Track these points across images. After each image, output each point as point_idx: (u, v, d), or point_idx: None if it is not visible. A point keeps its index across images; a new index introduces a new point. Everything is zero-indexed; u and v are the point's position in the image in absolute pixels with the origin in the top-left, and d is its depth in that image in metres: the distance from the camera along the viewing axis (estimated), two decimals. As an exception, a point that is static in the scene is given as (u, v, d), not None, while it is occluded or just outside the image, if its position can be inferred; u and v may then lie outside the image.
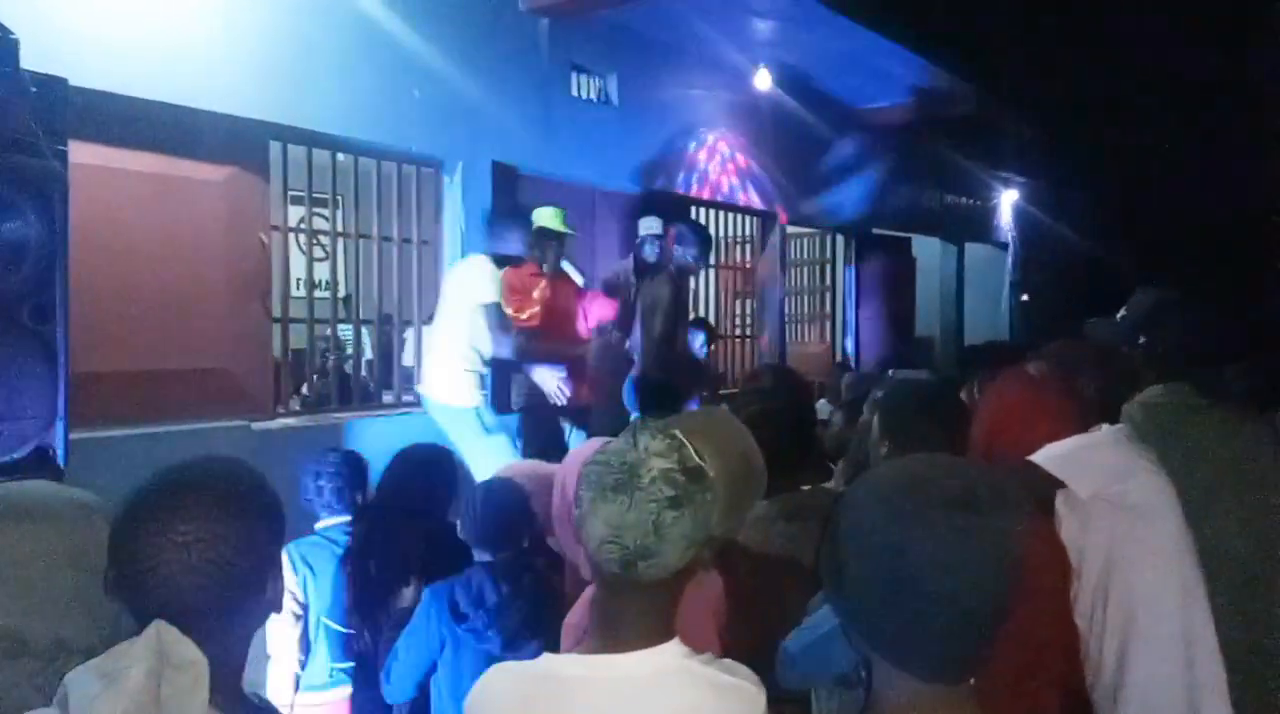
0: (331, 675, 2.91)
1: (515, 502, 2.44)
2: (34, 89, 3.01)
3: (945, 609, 1.02)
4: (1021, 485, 1.93)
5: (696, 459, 1.26)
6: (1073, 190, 11.88)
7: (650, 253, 5.59)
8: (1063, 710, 1.99)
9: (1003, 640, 1.06)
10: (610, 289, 5.46)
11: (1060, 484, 2.01)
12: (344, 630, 2.83)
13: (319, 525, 3.04)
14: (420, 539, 2.63)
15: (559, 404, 4.55)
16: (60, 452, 3.08)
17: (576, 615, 1.81)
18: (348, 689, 2.92)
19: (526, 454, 4.37)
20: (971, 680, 1.09)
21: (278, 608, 1.16)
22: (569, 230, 5.17)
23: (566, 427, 4.89)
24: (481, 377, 4.29)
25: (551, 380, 4.49)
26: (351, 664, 2.86)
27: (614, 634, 1.27)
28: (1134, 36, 8.31)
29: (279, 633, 2.83)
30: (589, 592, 1.78)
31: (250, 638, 1.15)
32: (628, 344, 5.32)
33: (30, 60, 3.04)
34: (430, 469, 2.79)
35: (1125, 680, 1.99)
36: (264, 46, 4.61)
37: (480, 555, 2.37)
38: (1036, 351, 2.38)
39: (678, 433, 1.27)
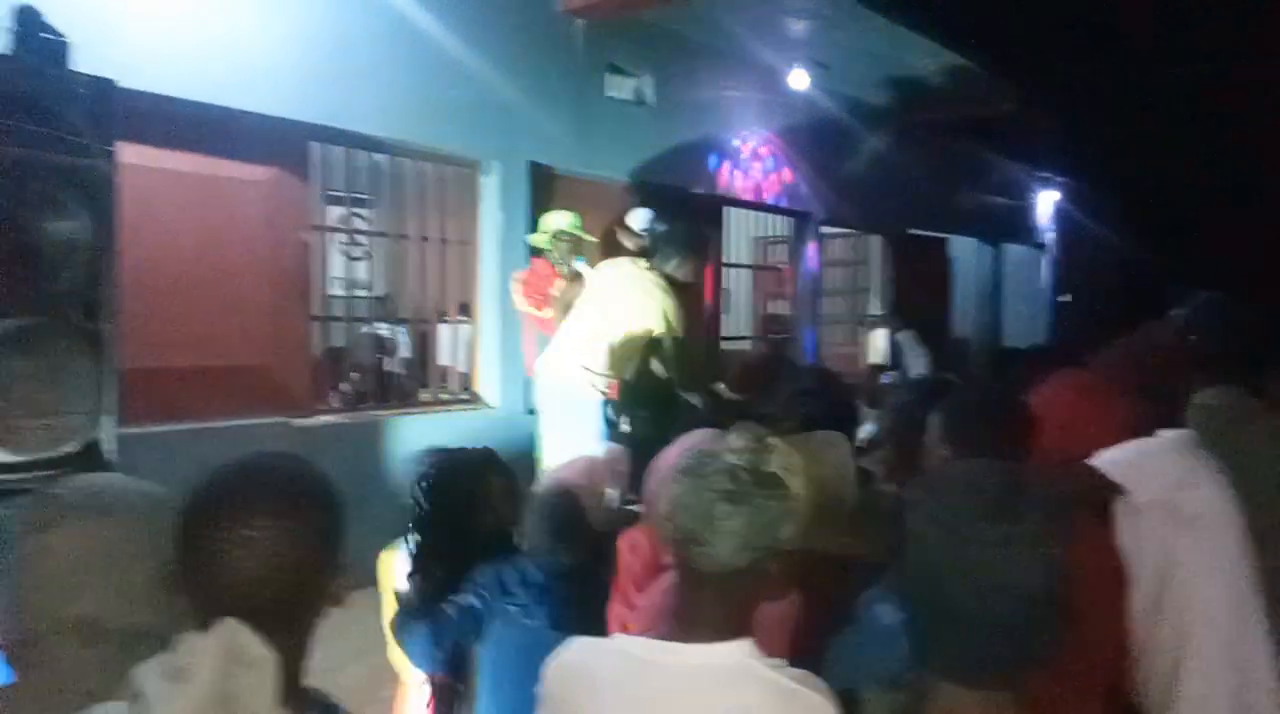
0: None
1: (567, 509, 2.38)
2: (83, 90, 3.07)
3: (978, 619, 1.01)
4: (1079, 490, 1.90)
5: (773, 468, 1.27)
6: (1113, 190, 11.71)
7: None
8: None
9: (1051, 649, 1.05)
10: None
11: (1119, 489, 1.96)
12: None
13: None
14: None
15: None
16: (109, 446, 3.14)
17: (648, 599, 1.83)
18: None
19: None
20: (1016, 690, 1.07)
21: (339, 603, 1.16)
22: (587, 235, 5.19)
23: None
24: (599, 380, 4.24)
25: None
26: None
27: (687, 623, 1.29)
28: (1177, 35, 8.17)
29: None
30: (664, 578, 1.80)
31: (312, 634, 1.16)
32: None
33: (79, 62, 3.10)
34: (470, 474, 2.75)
35: (1175, 698, 1.95)
36: (305, 49, 4.66)
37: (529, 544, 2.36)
38: (1100, 353, 2.34)
39: (772, 440, 1.30)
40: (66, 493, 1.28)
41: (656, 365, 4.41)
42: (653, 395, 4.44)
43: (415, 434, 5.09)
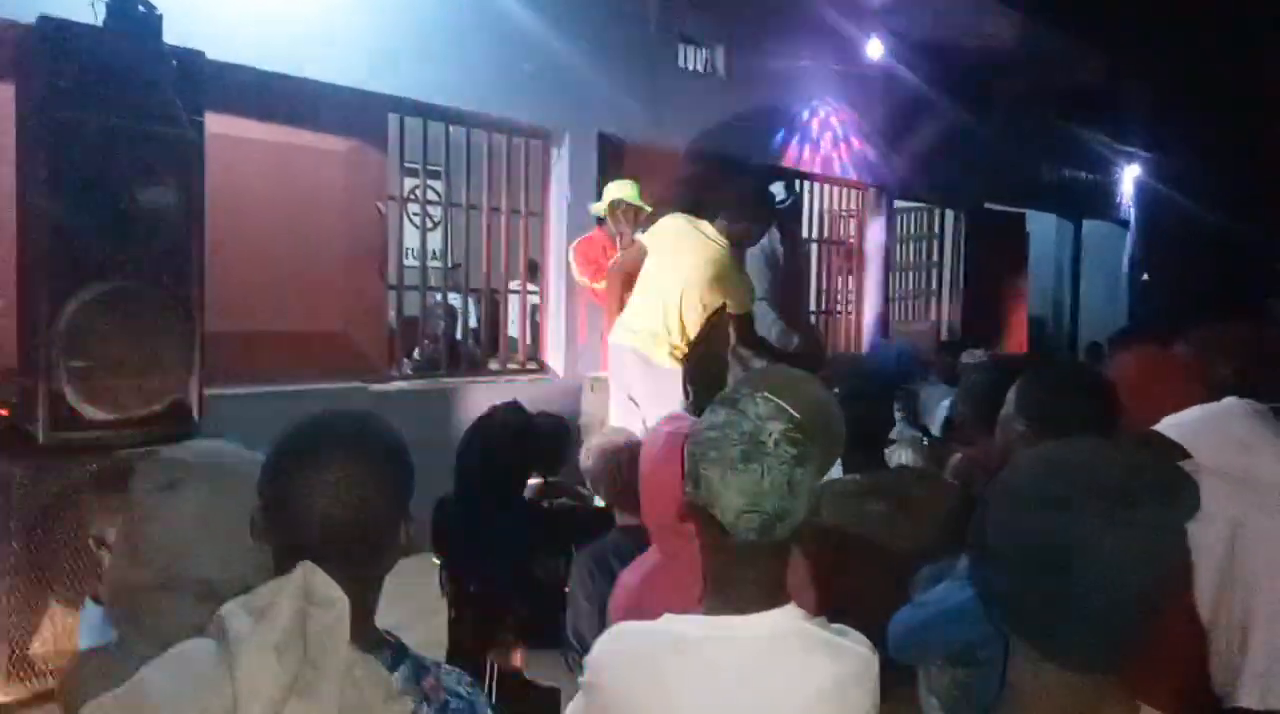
0: None
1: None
2: (174, 62, 3.17)
3: (1096, 603, 0.99)
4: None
5: (798, 416, 1.28)
6: (1201, 165, 11.25)
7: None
8: (1184, 704, 1.93)
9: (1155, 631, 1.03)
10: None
11: (1185, 454, 1.93)
12: None
13: None
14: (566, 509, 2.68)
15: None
16: (195, 407, 3.27)
17: (634, 576, 1.84)
18: None
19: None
20: (1121, 672, 1.05)
21: (408, 552, 1.23)
22: (645, 206, 5.12)
23: None
24: (675, 347, 4.20)
25: None
26: None
27: (734, 597, 1.29)
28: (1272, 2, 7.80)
29: None
30: (647, 557, 1.83)
31: (383, 580, 1.22)
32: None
33: (169, 34, 3.20)
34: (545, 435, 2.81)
35: (1243, 668, 1.92)
36: (385, 23, 4.74)
37: (622, 519, 2.41)
38: (1179, 335, 2.30)
39: (771, 396, 1.29)
40: (187, 456, 1.35)
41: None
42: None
43: (483, 401, 5.17)
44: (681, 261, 4.14)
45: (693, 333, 4.19)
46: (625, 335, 4.23)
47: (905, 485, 2.34)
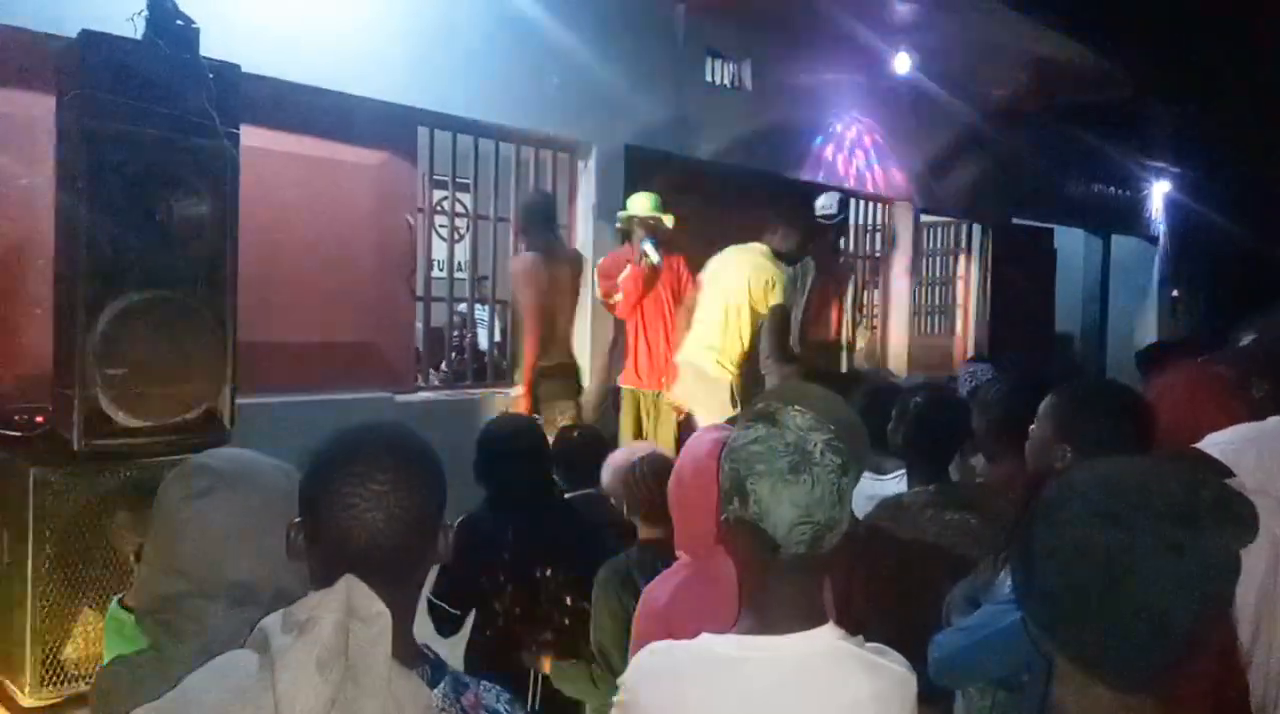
0: None
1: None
2: (211, 75, 3.21)
3: (1148, 624, 0.97)
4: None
5: (833, 426, 1.27)
6: (1231, 181, 11.13)
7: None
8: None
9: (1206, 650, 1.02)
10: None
11: (1229, 473, 1.90)
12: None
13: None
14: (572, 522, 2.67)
15: None
16: (227, 415, 3.30)
17: (662, 591, 1.81)
18: None
19: None
20: (1170, 692, 1.04)
21: (445, 559, 1.23)
22: (665, 217, 5.01)
23: None
24: (725, 354, 4.43)
25: None
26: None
27: (773, 616, 1.28)
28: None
29: None
30: (674, 572, 1.81)
31: (420, 590, 1.22)
32: None
33: (206, 48, 3.24)
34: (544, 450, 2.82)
35: None
36: (416, 37, 4.79)
37: (644, 533, 2.40)
38: (1217, 353, 2.29)
39: (804, 408, 1.27)
40: (216, 463, 1.35)
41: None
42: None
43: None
44: (727, 277, 4.45)
45: (745, 340, 4.46)
46: (684, 354, 4.56)
47: (979, 496, 2.34)
